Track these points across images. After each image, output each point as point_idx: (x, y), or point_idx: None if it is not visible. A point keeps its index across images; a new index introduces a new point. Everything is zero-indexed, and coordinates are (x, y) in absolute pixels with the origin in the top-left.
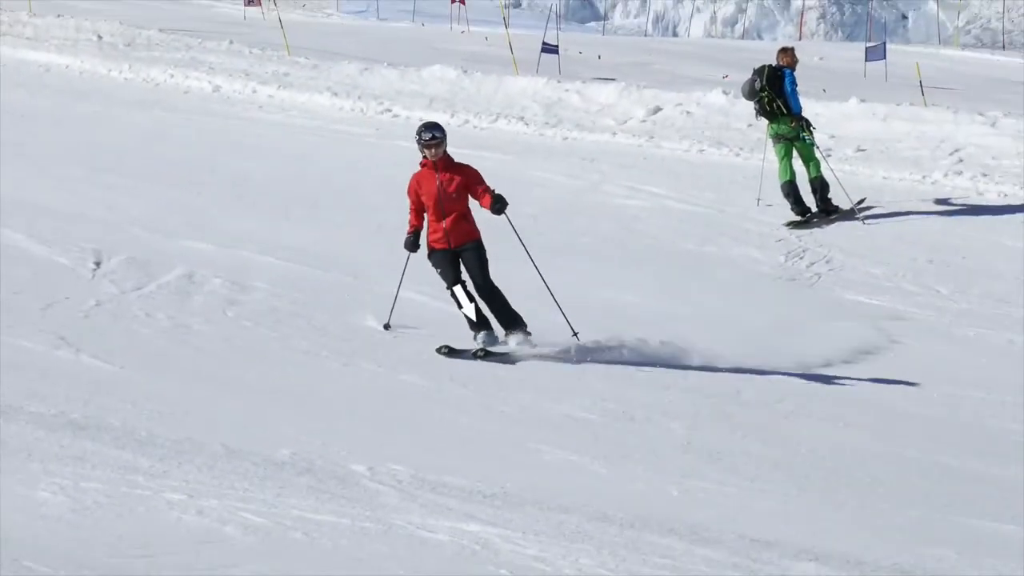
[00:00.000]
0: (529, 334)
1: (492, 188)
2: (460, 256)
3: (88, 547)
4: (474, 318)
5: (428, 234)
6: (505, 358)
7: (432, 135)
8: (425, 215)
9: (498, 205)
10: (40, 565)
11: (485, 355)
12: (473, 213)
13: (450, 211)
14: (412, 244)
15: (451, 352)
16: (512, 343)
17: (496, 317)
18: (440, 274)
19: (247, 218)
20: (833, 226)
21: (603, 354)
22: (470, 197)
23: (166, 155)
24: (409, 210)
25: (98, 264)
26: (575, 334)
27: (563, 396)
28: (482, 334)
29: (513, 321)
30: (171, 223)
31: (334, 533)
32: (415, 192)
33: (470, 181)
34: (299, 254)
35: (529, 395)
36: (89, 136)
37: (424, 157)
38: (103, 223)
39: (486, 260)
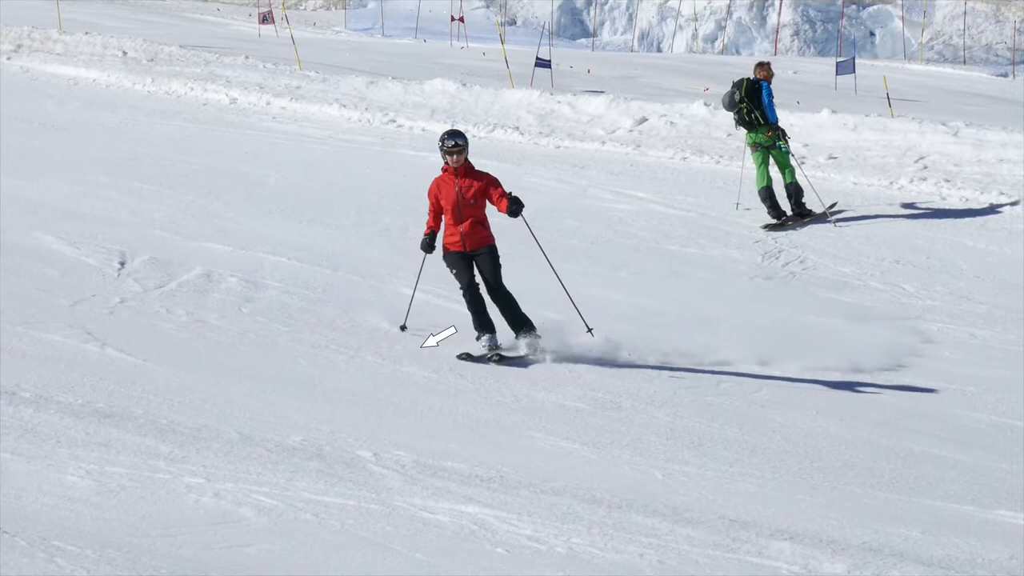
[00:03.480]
0: (539, 337)
1: (509, 192)
2: (474, 259)
3: (112, 527)
4: (480, 320)
5: (444, 236)
6: (518, 361)
7: (455, 142)
8: (443, 218)
9: (514, 207)
10: (68, 544)
11: (499, 359)
12: (488, 219)
13: (468, 216)
14: (428, 245)
15: (470, 358)
16: (522, 345)
17: (506, 319)
18: (455, 275)
19: (261, 221)
20: (807, 228)
21: (594, 349)
22: (488, 203)
23: (186, 162)
24: (428, 212)
25: (122, 264)
26: (589, 330)
27: (555, 386)
28: (485, 336)
29: (522, 324)
30: (190, 226)
31: (342, 514)
32: (435, 196)
33: (488, 187)
34: (309, 254)
35: (523, 385)
36: (114, 145)
37: (445, 163)
38: (127, 226)
39: (499, 264)
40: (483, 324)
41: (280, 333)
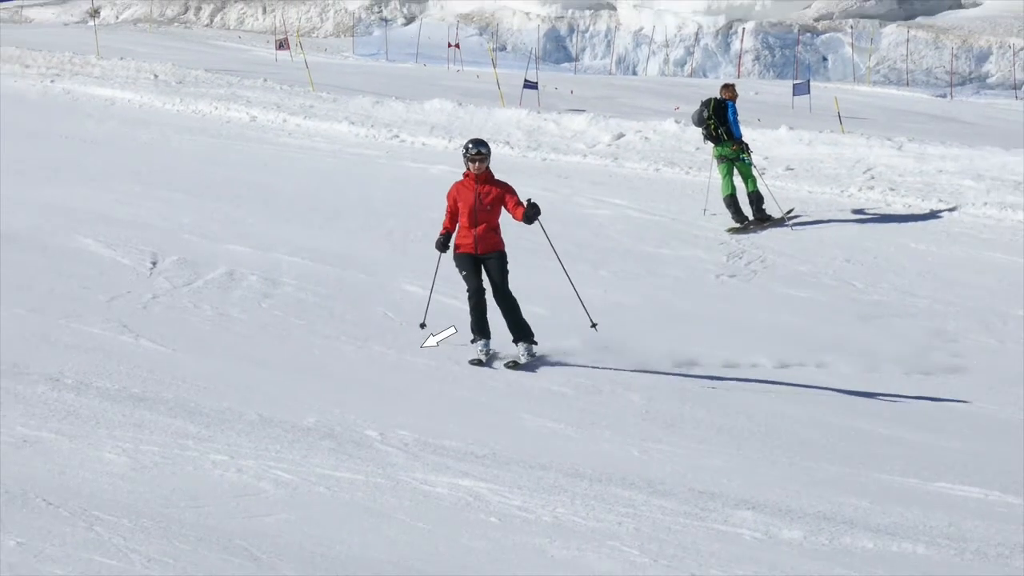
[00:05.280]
0: (535, 343)
1: (528, 199)
2: (483, 263)
3: (146, 499)
4: (478, 325)
5: (458, 238)
6: (528, 367)
7: (478, 150)
8: (458, 221)
9: (530, 213)
10: (106, 514)
11: (514, 366)
12: (501, 227)
13: (483, 221)
14: (442, 245)
15: (480, 364)
16: (521, 352)
17: (508, 324)
18: (464, 277)
19: (278, 225)
20: (767, 232)
21: (577, 339)
22: (503, 210)
23: (211, 174)
24: (445, 213)
25: (154, 264)
26: (593, 325)
27: (542, 373)
28: (481, 342)
29: (522, 330)
30: (215, 230)
31: (351, 487)
32: (453, 199)
33: (505, 194)
34: (321, 255)
35: (513, 373)
36: (147, 158)
37: (467, 169)
38: (159, 230)
39: (506, 270)
40: (481, 329)
41: (296, 326)
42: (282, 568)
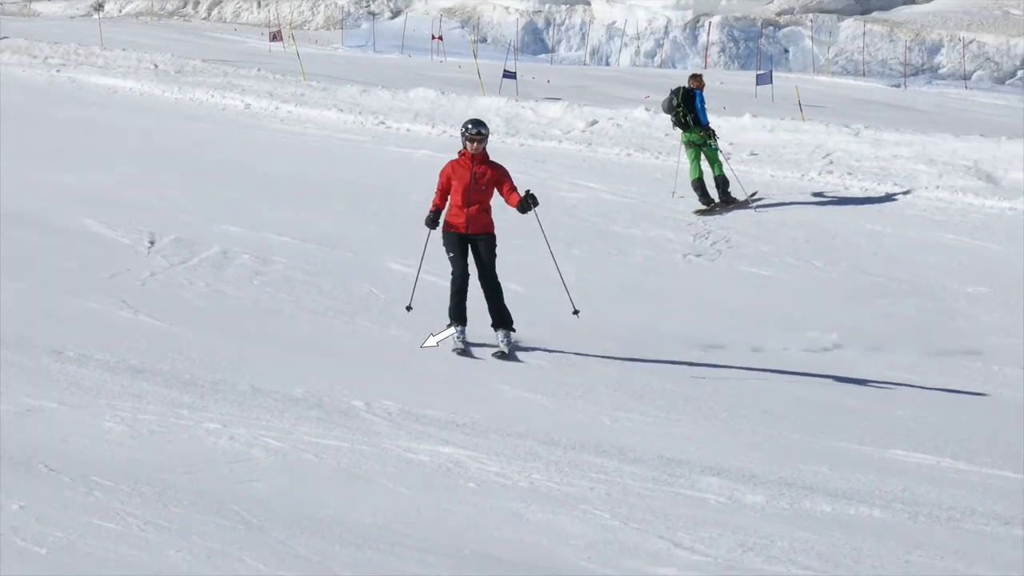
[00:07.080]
0: (513, 331)
1: (528, 190)
2: (473, 243)
3: (143, 466)
4: (457, 309)
5: (448, 216)
6: (512, 357)
7: (478, 130)
8: (449, 198)
9: (527, 202)
10: (104, 480)
11: (502, 356)
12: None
13: (476, 201)
14: (432, 221)
15: (463, 353)
16: (500, 339)
17: (489, 307)
18: (451, 259)
19: (270, 207)
20: (731, 213)
21: (553, 316)
22: (496, 193)
23: (207, 158)
24: (436, 190)
25: (152, 243)
26: (576, 312)
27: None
28: (458, 328)
29: (502, 317)
30: (210, 211)
31: (338, 454)
32: (447, 176)
33: (501, 178)
34: (310, 235)
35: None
36: (147, 143)
37: (464, 148)
38: (157, 211)
39: (495, 253)
40: (459, 315)
41: (286, 302)
42: (272, 531)
